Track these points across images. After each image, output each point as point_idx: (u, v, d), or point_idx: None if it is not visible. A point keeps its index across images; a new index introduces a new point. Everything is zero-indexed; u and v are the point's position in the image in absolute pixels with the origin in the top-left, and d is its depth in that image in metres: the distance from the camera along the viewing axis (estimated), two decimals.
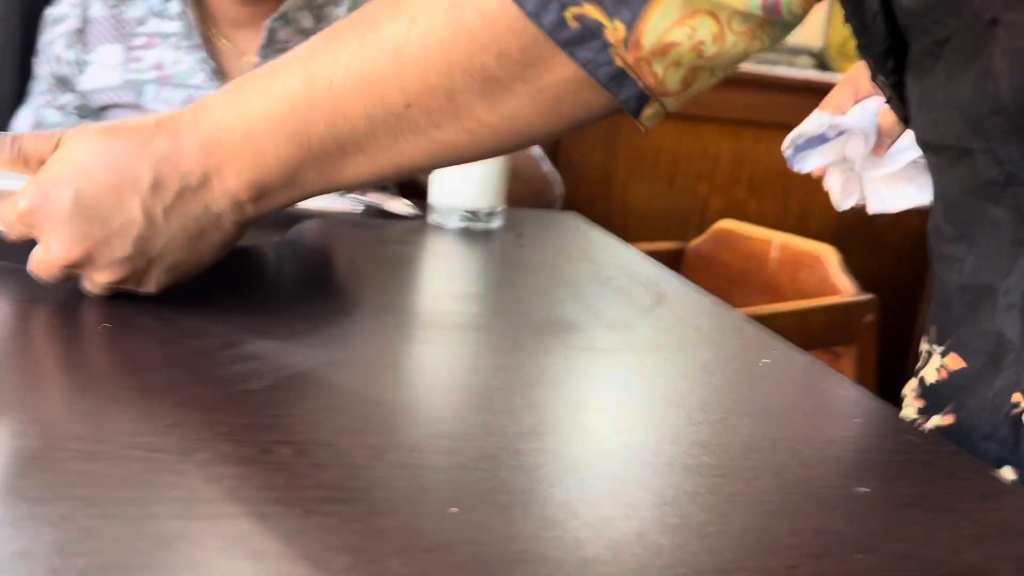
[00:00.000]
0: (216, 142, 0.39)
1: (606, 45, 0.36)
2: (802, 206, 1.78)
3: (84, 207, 0.39)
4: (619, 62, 0.37)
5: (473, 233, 0.76)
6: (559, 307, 0.53)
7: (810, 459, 0.34)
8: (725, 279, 1.24)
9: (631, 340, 0.49)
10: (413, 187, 1.01)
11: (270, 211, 0.42)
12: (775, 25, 0.37)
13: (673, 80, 0.38)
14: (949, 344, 0.38)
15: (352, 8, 1.15)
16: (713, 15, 0.36)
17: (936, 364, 0.39)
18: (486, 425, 0.34)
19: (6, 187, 0.41)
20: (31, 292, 0.42)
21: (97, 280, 0.41)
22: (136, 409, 0.32)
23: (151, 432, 0.30)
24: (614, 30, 0.36)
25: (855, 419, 0.40)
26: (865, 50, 0.40)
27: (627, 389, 0.41)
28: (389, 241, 0.70)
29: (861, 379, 1.09)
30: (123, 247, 0.40)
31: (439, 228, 0.77)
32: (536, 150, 1.21)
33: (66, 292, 0.42)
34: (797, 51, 1.98)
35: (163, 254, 0.41)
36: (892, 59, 0.39)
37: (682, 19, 0.36)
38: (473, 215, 0.78)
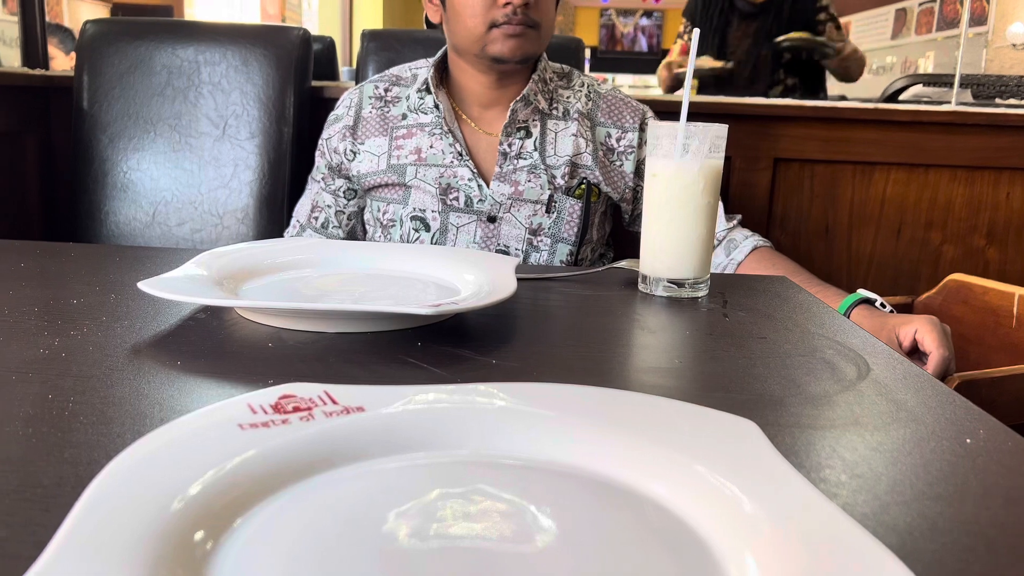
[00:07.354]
0: None
1: None
2: None
3: None
4: None
5: (680, 300, 0.80)
6: (760, 382, 0.56)
7: (1000, 546, 0.35)
8: (958, 336, 1.17)
9: (830, 416, 0.51)
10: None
11: None
12: None
13: None
14: None
15: (590, 95, 1.25)
16: None
17: None
18: None
19: None
20: None
21: None
22: None
23: None
24: None
25: None
26: None
27: (819, 468, 0.43)
28: (599, 311, 0.76)
29: None
30: None
31: (648, 295, 0.82)
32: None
33: None
34: None
35: None
36: None
37: None
38: (679, 284, 0.82)
